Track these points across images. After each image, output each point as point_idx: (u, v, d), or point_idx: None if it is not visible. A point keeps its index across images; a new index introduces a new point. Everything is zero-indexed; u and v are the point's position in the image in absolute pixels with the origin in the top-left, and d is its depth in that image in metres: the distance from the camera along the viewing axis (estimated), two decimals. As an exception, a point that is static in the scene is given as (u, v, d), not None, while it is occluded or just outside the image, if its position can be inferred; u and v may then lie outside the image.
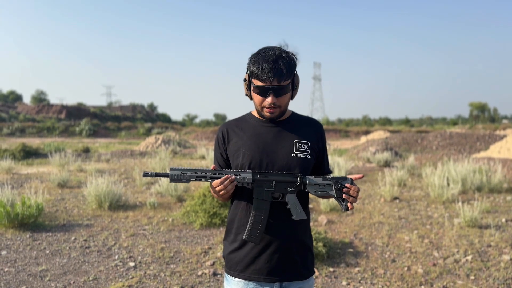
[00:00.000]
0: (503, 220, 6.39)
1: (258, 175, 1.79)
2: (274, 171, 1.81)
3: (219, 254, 4.84)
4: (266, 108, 1.81)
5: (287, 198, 1.78)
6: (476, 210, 6.14)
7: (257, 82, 1.77)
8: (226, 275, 1.90)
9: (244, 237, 1.78)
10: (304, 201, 1.88)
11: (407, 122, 79.80)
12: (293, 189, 1.79)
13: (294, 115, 1.96)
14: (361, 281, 4.15)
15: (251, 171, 1.79)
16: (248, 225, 1.78)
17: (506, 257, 4.71)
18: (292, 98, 1.89)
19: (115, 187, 7.43)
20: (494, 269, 4.42)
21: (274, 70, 1.73)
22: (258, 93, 1.79)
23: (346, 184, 1.79)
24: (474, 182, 8.80)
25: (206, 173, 1.78)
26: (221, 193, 1.76)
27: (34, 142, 27.17)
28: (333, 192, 1.83)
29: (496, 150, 14.23)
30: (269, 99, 1.77)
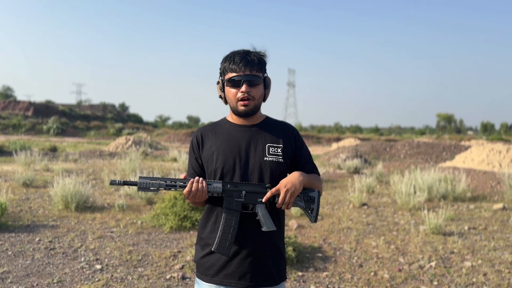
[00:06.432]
0: (466, 228, 6.61)
1: (229, 185, 1.78)
2: (245, 181, 1.82)
3: (189, 257, 4.80)
4: (240, 100, 1.82)
5: (257, 209, 1.79)
6: (440, 217, 6.33)
7: (230, 75, 1.82)
8: (197, 279, 1.89)
9: (213, 249, 1.77)
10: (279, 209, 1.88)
11: (376, 130, 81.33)
12: (263, 200, 1.80)
13: (268, 119, 1.97)
14: (329, 286, 4.21)
15: (221, 181, 1.79)
16: (217, 236, 1.78)
17: (467, 264, 4.88)
18: (264, 99, 1.91)
19: (83, 187, 7.26)
20: (456, 275, 4.57)
21: (245, 60, 1.81)
22: (232, 86, 1.82)
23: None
24: (439, 190, 9.07)
25: (175, 182, 1.77)
26: (194, 197, 1.76)
27: (-2, 139, 26.20)
28: (302, 203, 1.85)
29: (461, 160, 14.70)
30: (242, 88, 1.80)
